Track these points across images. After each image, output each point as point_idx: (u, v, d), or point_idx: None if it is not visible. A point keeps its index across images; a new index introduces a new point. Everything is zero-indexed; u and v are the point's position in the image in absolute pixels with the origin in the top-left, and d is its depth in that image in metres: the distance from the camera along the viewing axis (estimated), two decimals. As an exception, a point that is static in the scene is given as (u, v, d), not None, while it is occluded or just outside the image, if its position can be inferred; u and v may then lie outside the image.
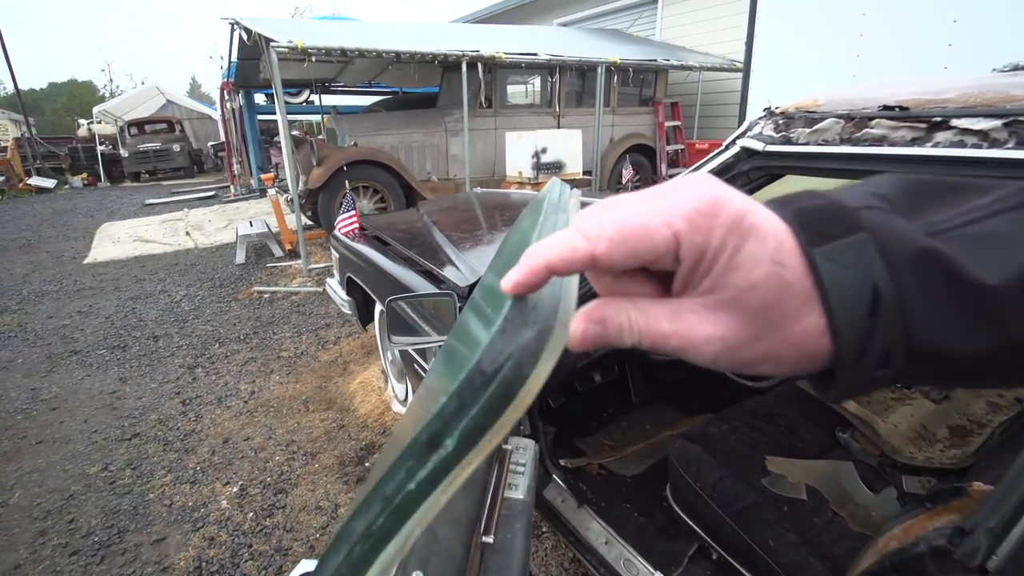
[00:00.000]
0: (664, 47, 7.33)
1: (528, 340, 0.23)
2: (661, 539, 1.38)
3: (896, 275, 0.20)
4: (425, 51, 4.68)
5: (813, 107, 0.90)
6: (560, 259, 0.21)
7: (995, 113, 0.69)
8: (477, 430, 0.23)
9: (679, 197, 0.21)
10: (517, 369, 0.22)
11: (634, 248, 0.21)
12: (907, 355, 0.21)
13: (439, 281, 1.79)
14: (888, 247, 0.21)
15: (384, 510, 0.25)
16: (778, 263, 0.21)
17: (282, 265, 5.13)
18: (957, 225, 0.21)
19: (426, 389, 0.42)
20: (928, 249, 0.21)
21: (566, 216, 0.50)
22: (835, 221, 0.22)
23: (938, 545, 0.63)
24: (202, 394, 2.79)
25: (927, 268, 0.20)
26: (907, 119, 0.76)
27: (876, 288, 0.20)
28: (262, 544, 1.77)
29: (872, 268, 0.21)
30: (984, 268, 0.20)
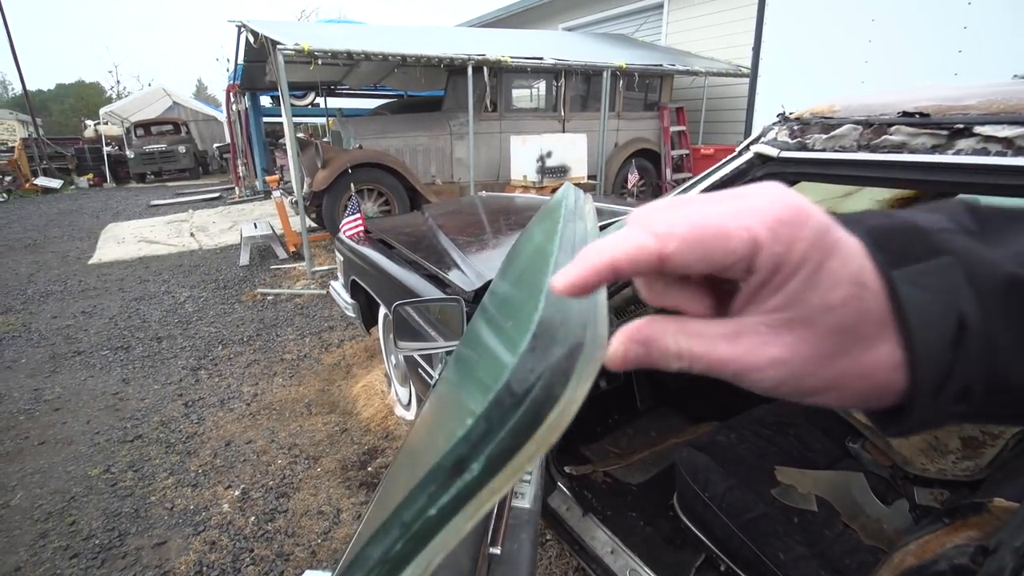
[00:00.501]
0: (670, 52, 7.33)
1: (559, 359, 0.22)
2: (667, 549, 1.36)
3: (984, 304, 0.19)
4: (431, 54, 4.69)
5: (829, 113, 0.89)
6: (626, 257, 0.20)
7: (1020, 120, 0.67)
8: (505, 453, 0.21)
9: (759, 201, 0.20)
10: (548, 390, 0.21)
11: (708, 251, 0.19)
12: (988, 391, 0.19)
13: (444, 285, 1.78)
14: (976, 273, 0.19)
15: (403, 536, 0.23)
16: (860, 284, 0.19)
17: (286, 267, 5.13)
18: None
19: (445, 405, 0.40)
20: (1018, 276, 0.19)
21: (584, 224, 0.49)
22: (914, 242, 0.20)
23: (960, 564, 0.61)
24: (205, 396, 2.78)
25: (1019, 298, 0.19)
26: (928, 126, 0.74)
27: (962, 317, 0.19)
28: (263, 549, 1.76)
29: (958, 295, 0.19)
30: None
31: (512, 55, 5.05)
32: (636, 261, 0.20)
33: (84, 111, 26.46)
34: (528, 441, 0.21)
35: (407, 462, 0.47)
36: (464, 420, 0.22)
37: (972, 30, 2.61)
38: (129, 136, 14.09)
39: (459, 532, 0.24)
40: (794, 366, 0.20)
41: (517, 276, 0.53)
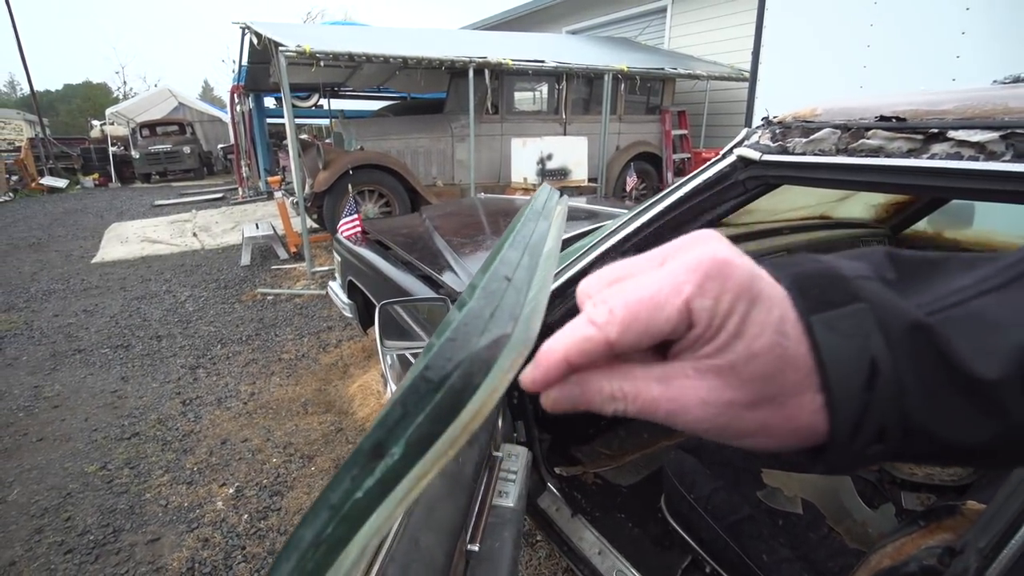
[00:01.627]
0: (672, 56, 7.34)
1: (480, 348, 0.22)
2: (655, 551, 1.36)
3: (893, 349, 0.20)
4: (432, 56, 4.71)
5: (811, 117, 0.89)
6: (578, 352, 0.21)
7: (993, 125, 0.68)
8: (425, 439, 0.22)
9: (686, 259, 0.21)
10: (467, 378, 0.22)
11: (648, 326, 0.20)
12: (903, 433, 0.20)
13: (438, 286, 1.79)
14: (885, 319, 0.20)
15: (333, 518, 0.24)
16: (782, 333, 0.20)
17: (286, 267, 5.15)
18: (946, 306, 0.21)
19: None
20: (923, 324, 0.20)
21: (547, 223, 0.50)
22: (833, 289, 0.21)
23: (928, 565, 0.62)
24: (202, 395, 2.79)
25: (922, 345, 0.20)
26: (904, 130, 0.75)
27: (874, 361, 0.20)
28: (256, 547, 1.77)
29: (870, 340, 0.20)
30: (977, 357, 0.19)
31: (514, 58, 5.07)
32: (587, 353, 0.21)
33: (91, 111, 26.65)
34: (448, 427, 0.22)
35: None
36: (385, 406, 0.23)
37: (970, 35, 2.62)
38: (135, 136, 14.19)
39: (391, 516, 0.24)
40: (720, 409, 0.21)
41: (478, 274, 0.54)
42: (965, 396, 0.20)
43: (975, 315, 0.20)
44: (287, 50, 4.00)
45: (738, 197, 0.98)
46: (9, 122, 16.73)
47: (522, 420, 1.44)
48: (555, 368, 0.21)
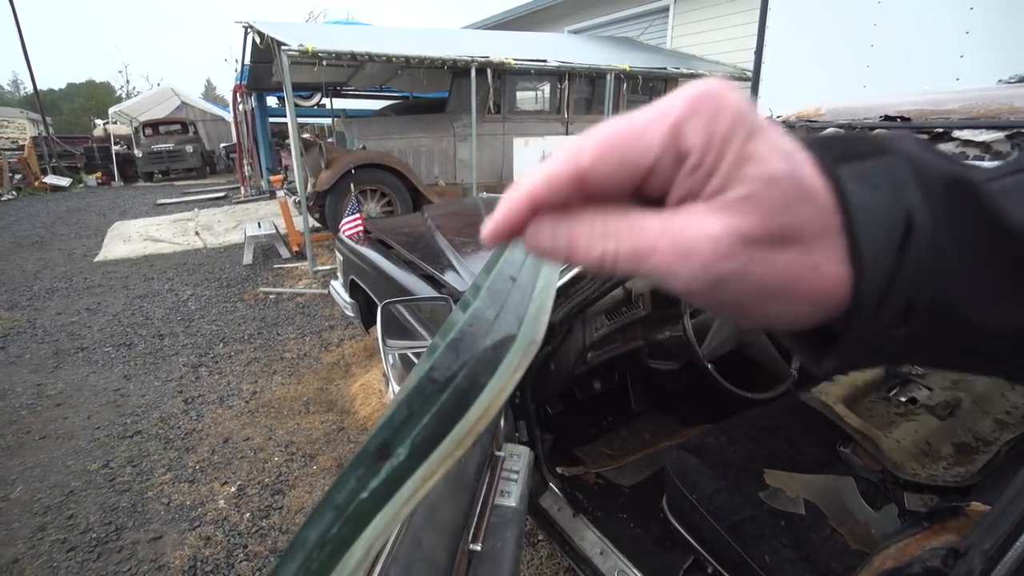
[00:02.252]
0: (675, 55, 7.33)
1: (485, 349, 0.22)
2: (656, 551, 1.36)
3: (932, 204, 0.17)
4: (434, 56, 4.71)
5: (815, 116, 0.89)
6: (542, 185, 0.18)
7: (998, 124, 0.67)
8: (431, 440, 0.22)
9: (674, 96, 0.18)
10: (472, 378, 0.22)
11: (626, 152, 0.17)
12: (931, 313, 0.17)
13: (439, 285, 1.79)
14: (923, 171, 0.18)
15: (338, 518, 0.24)
16: (793, 161, 0.17)
17: (289, 266, 5.15)
18: (990, 178, 0.19)
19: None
20: (967, 179, 0.18)
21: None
22: (862, 142, 0.18)
23: (932, 566, 0.62)
24: (204, 393, 2.80)
25: (966, 201, 0.17)
26: (909, 130, 0.75)
27: (910, 216, 0.17)
28: (257, 545, 1.77)
29: (906, 192, 0.17)
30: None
31: (516, 57, 5.07)
32: (553, 186, 0.18)
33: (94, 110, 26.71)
34: (454, 428, 0.22)
35: None
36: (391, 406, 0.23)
37: (974, 34, 2.61)
38: (137, 135, 14.20)
39: (396, 517, 0.24)
40: (736, 248, 0.17)
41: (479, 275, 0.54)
42: (1009, 264, 0.17)
43: (1017, 184, 0.18)
44: (289, 49, 4.00)
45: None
46: (12, 121, 16.78)
47: (524, 420, 1.44)
48: (519, 208, 0.18)
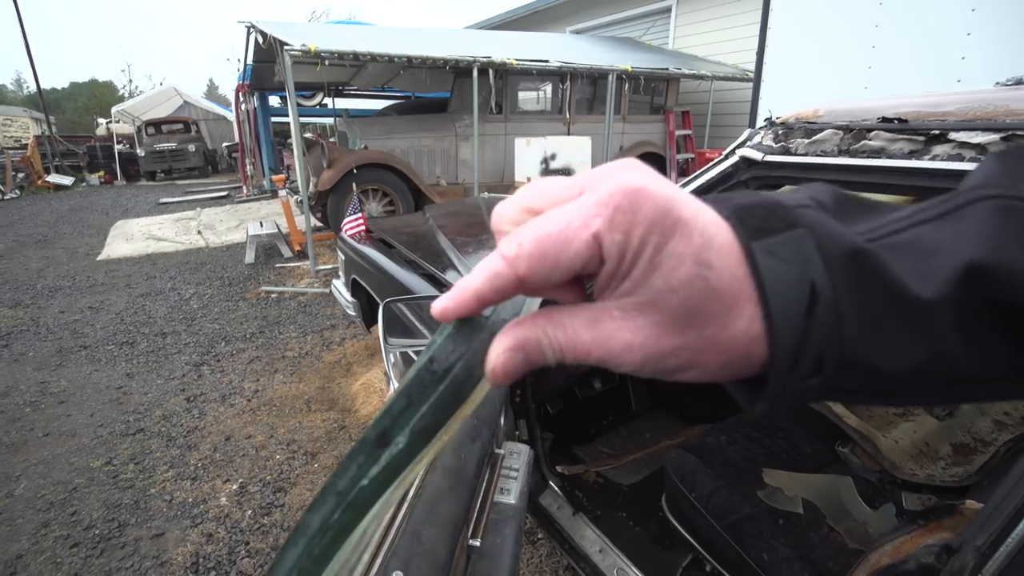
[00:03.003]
0: (676, 56, 7.33)
1: (482, 341, 0.23)
2: (655, 549, 1.37)
3: (833, 274, 0.20)
4: (436, 56, 4.73)
5: (813, 118, 0.90)
6: (489, 287, 0.21)
7: (994, 127, 0.68)
8: (430, 428, 0.23)
9: (600, 191, 0.20)
10: (469, 369, 0.23)
11: (558, 261, 0.20)
12: (839, 364, 0.20)
13: (441, 285, 1.80)
14: (825, 244, 0.20)
15: (339, 504, 0.25)
16: (703, 263, 0.20)
17: (291, 266, 5.17)
18: (883, 235, 0.21)
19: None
20: (862, 249, 0.20)
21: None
22: (774, 217, 0.21)
23: (926, 563, 0.62)
24: (207, 391, 2.81)
25: (862, 270, 0.20)
26: (905, 131, 0.75)
27: (814, 286, 0.20)
28: (259, 542, 1.78)
29: (810, 265, 0.20)
30: (914, 279, 0.20)
31: (518, 57, 5.08)
32: (498, 289, 0.21)
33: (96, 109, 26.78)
34: (453, 416, 0.23)
35: None
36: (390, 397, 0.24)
37: (976, 36, 2.61)
38: (140, 134, 14.24)
39: (390, 502, 0.25)
40: (649, 348, 0.20)
41: None
42: (901, 319, 0.20)
43: (913, 241, 0.21)
44: (292, 49, 4.02)
45: (740, 197, 0.99)
46: (16, 119, 16.84)
47: (524, 418, 1.45)
48: (468, 304, 0.21)
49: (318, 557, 0.27)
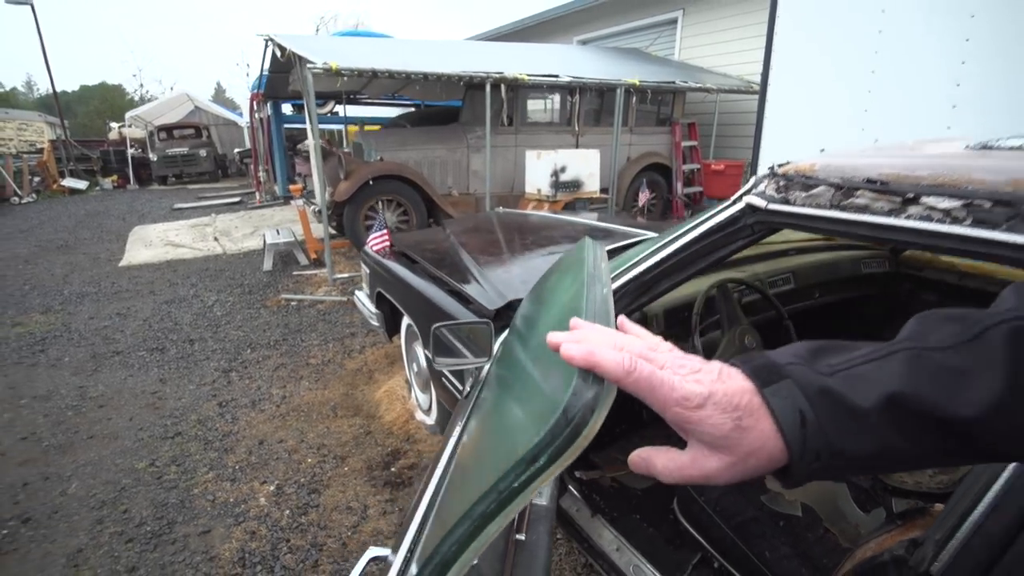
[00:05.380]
0: (682, 67, 7.47)
1: (590, 397, 0.38)
2: (668, 548, 1.50)
3: (811, 403, 0.35)
4: (451, 72, 4.89)
5: (809, 172, 1.04)
6: (602, 366, 0.37)
7: (957, 194, 0.82)
8: (557, 453, 0.37)
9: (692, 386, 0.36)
10: (585, 416, 0.37)
11: (648, 395, 0.36)
12: (830, 453, 0.34)
13: (467, 302, 1.94)
14: (803, 386, 0.35)
15: (497, 499, 0.39)
16: (737, 420, 0.35)
17: (307, 273, 5.33)
18: (841, 369, 0.36)
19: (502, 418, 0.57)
20: (825, 387, 0.35)
21: (602, 287, 0.65)
22: (772, 372, 0.36)
23: (898, 555, 0.76)
24: (237, 397, 2.96)
25: (827, 397, 0.35)
26: (886, 192, 0.90)
27: (801, 412, 0.34)
28: (299, 539, 1.93)
29: (797, 399, 0.35)
30: (860, 396, 0.34)
31: (529, 72, 5.23)
32: (606, 372, 0.36)
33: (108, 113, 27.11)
34: (573, 446, 0.37)
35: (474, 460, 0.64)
36: (531, 432, 0.38)
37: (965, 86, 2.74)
38: (152, 139, 14.49)
39: (528, 498, 0.40)
40: (724, 469, 0.36)
41: (549, 318, 0.69)
42: (855, 423, 0.34)
43: (859, 375, 0.35)
44: (314, 67, 4.19)
45: (746, 238, 1.13)
46: (31, 124, 17.12)
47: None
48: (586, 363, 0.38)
49: (467, 536, 0.42)
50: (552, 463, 0.37)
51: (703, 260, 1.19)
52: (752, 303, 1.91)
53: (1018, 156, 0.92)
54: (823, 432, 0.34)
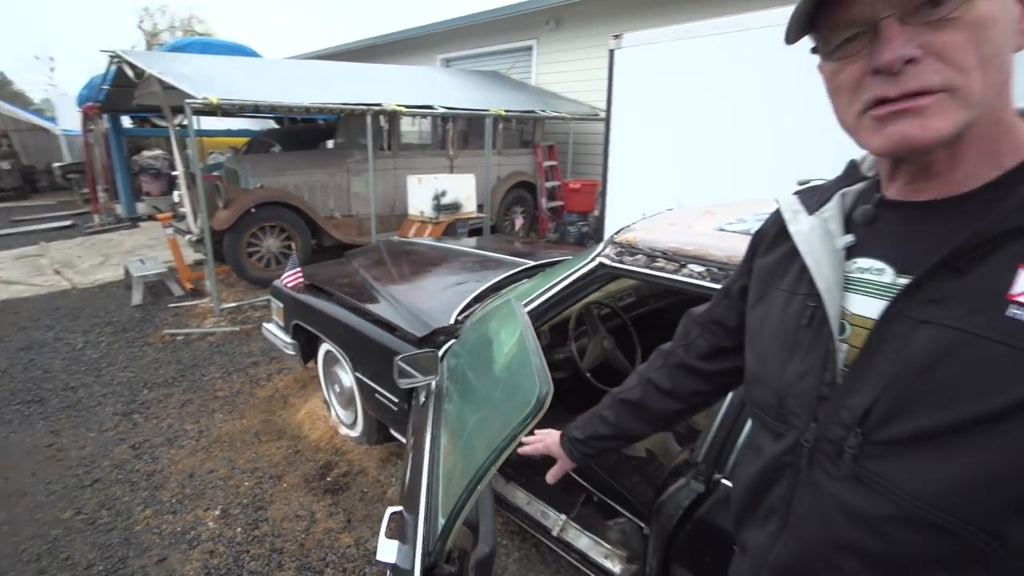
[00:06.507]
0: (539, 93, 8.38)
1: (544, 394, 0.91)
2: (563, 494, 2.11)
3: (572, 439, 1.04)
4: (334, 105, 5.12)
5: (633, 243, 1.70)
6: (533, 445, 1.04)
7: (703, 262, 1.51)
8: (525, 426, 0.90)
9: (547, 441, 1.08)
10: (539, 406, 0.90)
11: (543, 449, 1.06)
12: (580, 453, 1.05)
13: (392, 329, 2.37)
14: (570, 437, 1.05)
15: (496, 454, 0.92)
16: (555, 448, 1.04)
17: (186, 305, 5.17)
18: (575, 426, 1.02)
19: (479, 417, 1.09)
20: (572, 435, 1.04)
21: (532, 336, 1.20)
22: (566, 432, 1.05)
23: (685, 458, 1.42)
24: (149, 437, 3.02)
25: (572, 437, 1.02)
26: (671, 259, 1.57)
27: (573, 438, 1.05)
28: (258, 549, 2.21)
29: (567, 438, 1.05)
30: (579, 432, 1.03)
31: (407, 104, 5.63)
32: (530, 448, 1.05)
33: None
34: (534, 421, 0.91)
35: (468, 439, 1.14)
36: (509, 419, 0.91)
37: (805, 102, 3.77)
38: (-67, 151, 12.01)
39: (513, 449, 0.93)
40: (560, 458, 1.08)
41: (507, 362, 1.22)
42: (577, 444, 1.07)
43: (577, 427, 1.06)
44: (194, 102, 4.17)
45: (600, 283, 1.77)
46: None
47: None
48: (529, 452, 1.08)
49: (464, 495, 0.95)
50: (520, 433, 0.90)
51: (574, 297, 1.82)
52: (607, 315, 2.62)
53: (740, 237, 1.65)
54: (582, 442, 0.98)
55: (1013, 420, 0.46)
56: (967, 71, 0.48)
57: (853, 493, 0.57)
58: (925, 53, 0.48)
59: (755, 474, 0.71)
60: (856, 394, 0.57)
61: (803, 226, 0.68)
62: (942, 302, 0.51)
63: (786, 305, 0.68)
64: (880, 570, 0.57)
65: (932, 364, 0.51)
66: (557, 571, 2.12)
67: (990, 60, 0.48)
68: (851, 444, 0.57)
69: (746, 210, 1.85)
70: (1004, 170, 0.53)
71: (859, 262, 0.62)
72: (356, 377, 2.57)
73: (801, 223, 0.68)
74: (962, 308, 0.50)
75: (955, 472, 0.50)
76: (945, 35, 0.47)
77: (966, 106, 0.49)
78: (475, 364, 1.51)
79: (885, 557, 0.56)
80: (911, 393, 0.52)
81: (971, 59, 0.47)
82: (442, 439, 1.36)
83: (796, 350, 0.65)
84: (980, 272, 0.50)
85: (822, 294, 0.62)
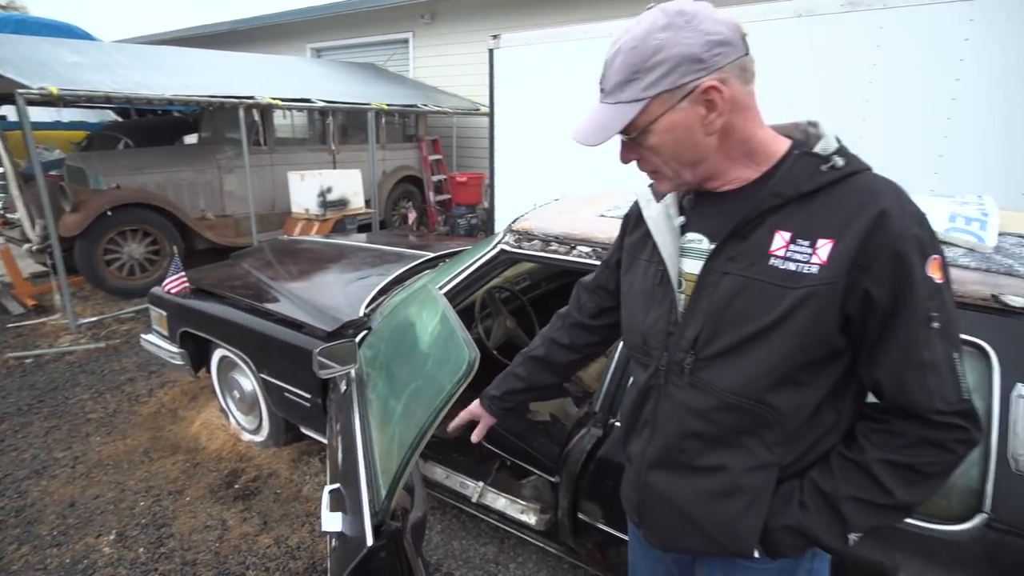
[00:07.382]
0: (420, 87, 8.39)
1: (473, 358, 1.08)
2: (479, 464, 2.30)
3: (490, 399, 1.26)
4: (199, 97, 4.74)
5: (528, 230, 1.92)
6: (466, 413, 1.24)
7: (588, 243, 1.77)
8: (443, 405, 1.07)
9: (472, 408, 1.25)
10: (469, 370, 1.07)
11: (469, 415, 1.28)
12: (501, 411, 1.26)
13: (299, 327, 2.37)
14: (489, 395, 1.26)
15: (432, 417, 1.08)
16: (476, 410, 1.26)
17: (31, 324, 4.52)
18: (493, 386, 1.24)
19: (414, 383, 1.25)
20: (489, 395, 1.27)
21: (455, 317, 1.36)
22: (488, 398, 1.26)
23: (584, 412, 1.68)
24: (11, 472, 2.68)
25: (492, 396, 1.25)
26: (564, 243, 1.82)
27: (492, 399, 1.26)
28: (167, 564, 2.12)
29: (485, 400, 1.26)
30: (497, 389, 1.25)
31: (283, 98, 5.37)
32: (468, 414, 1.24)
33: None
34: (467, 380, 1.08)
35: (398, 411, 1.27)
36: (442, 385, 1.08)
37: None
38: None
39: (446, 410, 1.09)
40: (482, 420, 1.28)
41: (432, 339, 1.36)
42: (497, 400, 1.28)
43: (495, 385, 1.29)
44: (29, 92, 3.65)
45: (502, 267, 1.97)
46: None
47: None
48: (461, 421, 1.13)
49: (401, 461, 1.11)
50: (453, 396, 1.06)
51: (480, 281, 2.00)
52: (507, 298, 2.85)
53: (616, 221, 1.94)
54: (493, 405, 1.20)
55: (775, 331, 0.74)
56: (660, 164, 0.81)
57: (693, 396, 0.84)
58: (639, 157, 0.83)
59: (633, 399, 0.97)
60: (689, 327, 0.83)
61: (652, 211, 0.93)
62: (735, 259, 0.79)
63: (645, 271, 0.94)
64: (711, 444, 0.84)
65: (730, 301, 0.78)
66: (478, 535, 2.32)
67: (672, 156, 0.79)
68: (688, 363, 0.84)
69: (620, 198, 2.16)
70: (761, 172, 0.80)
71: (689, 236, 0.87)
72: (261, 379, 2.52)
73: (651, 209, 0.93)
74: (746, 261, 0.78)
75: (748, 370, 0.78)
76: (642, 149, 0.81)
77: (670, 178, 0.83)
78: (400, 345, 1.63)
79: (713, 435, 0.84)
80: (720, 322, 0.79)
81: (657, 160, 0.81)
82: (370, 418, 1.47)
83: (652, 302, 0.90)
84: (755, 237, 0.77)
85: (666, 261, 0.88)
